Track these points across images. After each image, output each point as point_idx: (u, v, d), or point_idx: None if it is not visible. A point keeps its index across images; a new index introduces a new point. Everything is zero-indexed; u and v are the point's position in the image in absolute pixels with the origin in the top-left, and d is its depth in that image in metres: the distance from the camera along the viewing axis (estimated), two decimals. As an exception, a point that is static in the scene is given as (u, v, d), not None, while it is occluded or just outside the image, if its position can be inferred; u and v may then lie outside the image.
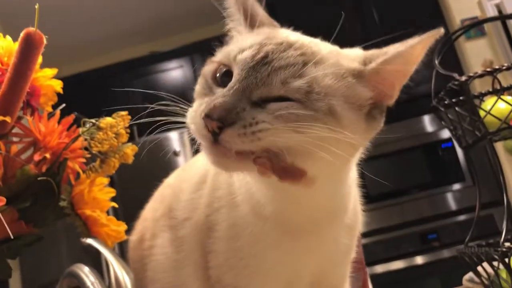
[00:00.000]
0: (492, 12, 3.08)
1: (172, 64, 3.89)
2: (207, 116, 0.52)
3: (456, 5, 3.16)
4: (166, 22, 3.89)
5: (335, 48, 0.62)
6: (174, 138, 3.27)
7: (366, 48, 0.62)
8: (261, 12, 0.65)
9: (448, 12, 3.21)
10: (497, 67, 0.90)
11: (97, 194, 0.68)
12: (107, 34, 3.99)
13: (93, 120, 0.65)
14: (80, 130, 0.66)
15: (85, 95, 3.76)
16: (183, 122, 0.58)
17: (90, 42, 4.04)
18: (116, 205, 0.71)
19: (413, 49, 0.57)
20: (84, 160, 0.68)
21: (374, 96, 0.58)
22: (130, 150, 0.67)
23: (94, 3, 3.58)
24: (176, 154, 3.25)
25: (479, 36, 3.12)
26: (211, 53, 0.66)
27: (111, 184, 3.23)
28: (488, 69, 0.91)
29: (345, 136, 0.53)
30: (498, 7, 3.09)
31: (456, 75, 0.90)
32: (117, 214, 3.01)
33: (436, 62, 0.94)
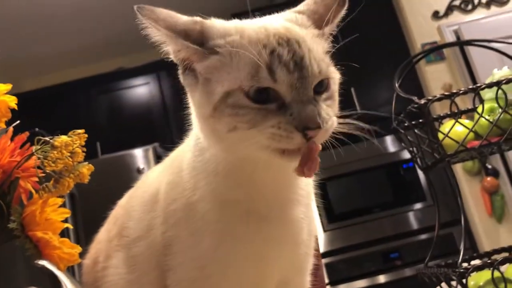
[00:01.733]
0: (450, 37, 3.21)
1: (139, 80, 3.86)
2: (310, 129, 0.57)
3: (417, 30, 3.27)
4: (134, 38, 3.85)
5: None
6: (138, 155, 3.21)
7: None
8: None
9: (409, 36, 3.32)
10: (454, 91, 0.93)
11: (50, 215, 0.65)
12: (74, 48, 3.93)
13: (47, 138, 0.62)
14: (34, 148, 0.63)
15: (49, 110, 3.68)
16: None
17: (55, 56, 3.96)
18: (70, 226, 0.68)
19: None
20: (37, 179, 0.65)
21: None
22: (86, 169, 0.65)
23: (62, 17, 3.51)
24: (140, 171, 3.18)
25: (439, 60, 3.23)
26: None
27: (72, 202, 3.09)
28: (446, 93, 0.93)
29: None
30: (456, 32, 3.21)
31: (415, 98, 0.92)
32: (78, 233, 2.91)
33: (396, 85, 0.97)
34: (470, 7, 3.28)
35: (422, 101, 0.92)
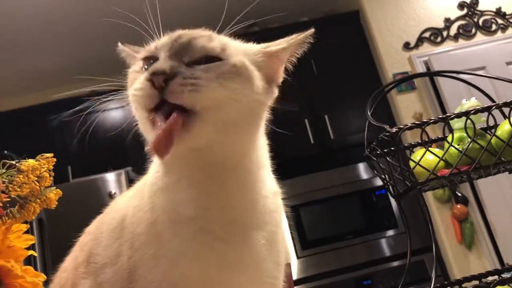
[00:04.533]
0: (421, 67, 3.30)
1: (112, 104, 3.81)
2: (154, 74, 0.59)
3: (389, 60, 3.36)
4: (108, 62, 3.83)
5: None
6: (110, 179, 3.15)
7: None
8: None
9: (381, 66, 3.40)
10: (425, 120, 0.95)
11: (13, 242, 0.62)
12: (48, 70, 3.88)
13: (13, 162, 0.60)
14: (-1, 172, 0.61)
15: (21, 132, 3.59)
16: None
17: (29, 77, 3.90)
18: (35, 254, 0.65)
19: (284, 51, 0.72)
20: (0, 204, 0.63)
21: (269, 73, 0.71)
22: (53, 194, 0.63)
23: (38, 38, 3.47)
24: (111, 196, 3.12)
25: (410, 90, 3.31)
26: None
27: (40, 228, 2.98)
28: (417, 122, 0.95)
29: (256, 89, 0.66)
30: (426, 63, 3.31)
31: (387, 127, 0.94)
32: (45, 260, 2.81)
33: (369, 113, 0.98)
34: (439, 39, 3.39)
35: (394, 130, 0.94)
